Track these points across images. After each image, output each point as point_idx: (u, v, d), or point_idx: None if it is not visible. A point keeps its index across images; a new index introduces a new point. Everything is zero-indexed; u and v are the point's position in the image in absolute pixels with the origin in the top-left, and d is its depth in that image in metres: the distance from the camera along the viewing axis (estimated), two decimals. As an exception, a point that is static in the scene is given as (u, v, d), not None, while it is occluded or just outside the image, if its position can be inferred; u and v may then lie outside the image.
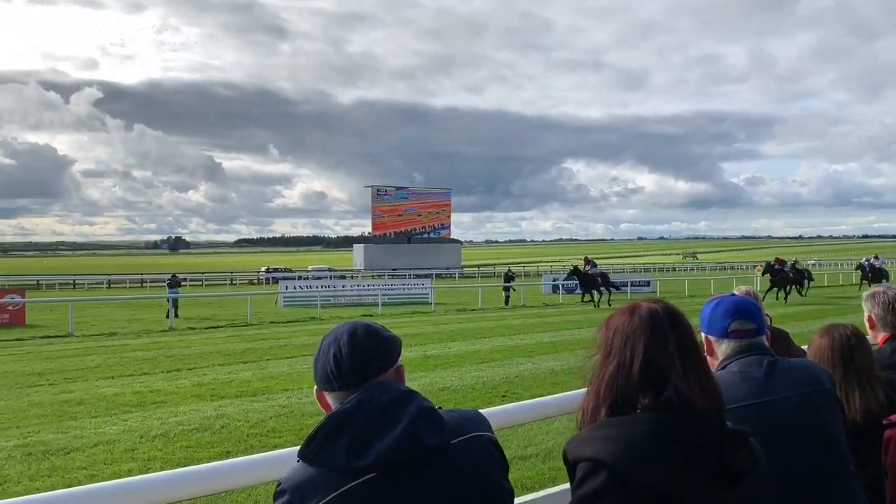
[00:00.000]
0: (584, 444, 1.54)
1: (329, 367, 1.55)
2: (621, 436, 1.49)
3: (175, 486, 2.67)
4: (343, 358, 1.55)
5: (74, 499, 2.00)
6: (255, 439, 7.37)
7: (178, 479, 2.82)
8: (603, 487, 1.48)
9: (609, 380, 1.57)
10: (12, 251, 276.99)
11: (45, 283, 52.02)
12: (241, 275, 64.15)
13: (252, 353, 14.59)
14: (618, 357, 1.58)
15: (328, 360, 1.56)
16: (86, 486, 2.23)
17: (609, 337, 1.62)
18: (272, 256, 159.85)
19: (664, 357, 1.55)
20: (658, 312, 1.61)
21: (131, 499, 2.13)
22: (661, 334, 1.57)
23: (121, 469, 6.29)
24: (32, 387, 10.83)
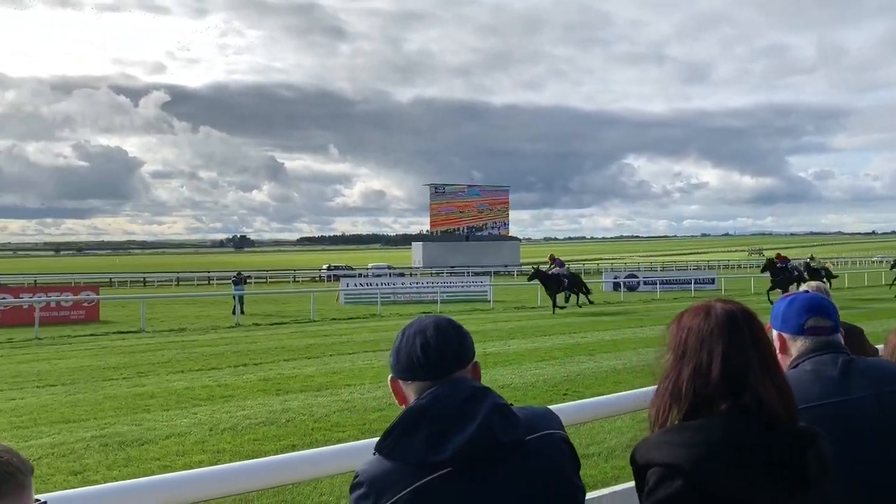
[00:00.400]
0: (656, 449, 1.51)
1: (416, 357, 1.57)
2: (698, 441, 1.46)
3: (250, 476, 2.77)
4: (431, 348, 1.57)
5: (169, 484, 2.12)
6: (319, 433, 7.52)
7: (253, 470, 2.92)
8: (678, 494, 1.45)
9: (686, 382, 1.53)
10: (86, 250, 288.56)
11: (117, 281, 54.01)
12: (303, 272, 65.32)
13: (315, 348, 14.87)
14: (694, 359, 1.54)
15: (414, 349, 1.58)
16: (176, 472, 2.35)
17: (682, 337, 1.58)
18: (333, 254, 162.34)
19: (743, 360, 1.51)
20: (735, 313, 1.57)
21: (216, 486, 2.23)
22: (740, 336, 1.54)
23: (192, 460, 6.50)
24: (107, 380, 11.29)
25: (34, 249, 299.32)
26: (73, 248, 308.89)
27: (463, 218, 73.54)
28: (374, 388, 10.11)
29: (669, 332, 1.63)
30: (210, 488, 2.61)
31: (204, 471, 3.21)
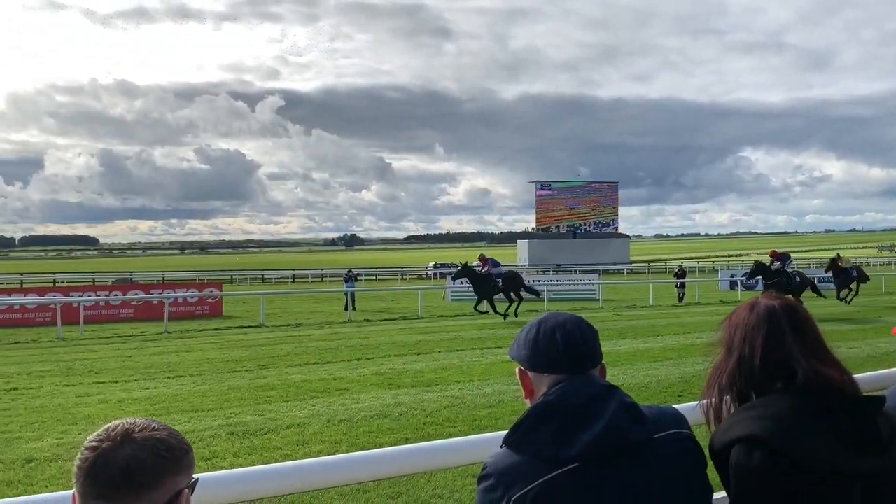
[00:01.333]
0: (731, 429, 1.58)
1: (556, 349, 1.59)
2: (769, 414, 1.55)
3: (371, 465, 2.87)
4: (571, 343, 1.60)
5: (309, 469, 2.25)
6: (431, 427, 7.66)
7: (373, 460, 3.03)
8: (762, 463, 1.50)
9: (729, 374, 1.66)
10: (209, 248, 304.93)
11: (237, 278, 56.78)
12: (410, 270, 66.44)
13: (424, 345, 15.11)
14: (738, 352, 1.67)
15: (555, 342, 1.60)
16: (309, 459, 2.48)
17: (731, 333, 1.71)
18: (439, 252, 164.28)
19: (782, 349, 1.62)
20: (775, 308, 1.69)
21: (344, 474, 2.34)
22: (778, 328, 1.65)
23: (311, 450, 6.78)
24: (231, 372, 11.91)
25: (161, 248, 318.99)
26: (197, 246, 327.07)
27: (570, 215, 72.63)
28: (483, 385, 10.18)
29: (721, 330, 1.75)
30: (340, 476, 2.73)
31: (332, 458, 3.35)
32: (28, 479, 6.14)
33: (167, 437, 1.30)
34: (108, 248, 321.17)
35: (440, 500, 5.38)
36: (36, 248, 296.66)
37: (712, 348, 1.75)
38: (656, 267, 70.22)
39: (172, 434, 1.32)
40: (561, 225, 72.59)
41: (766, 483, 1.50)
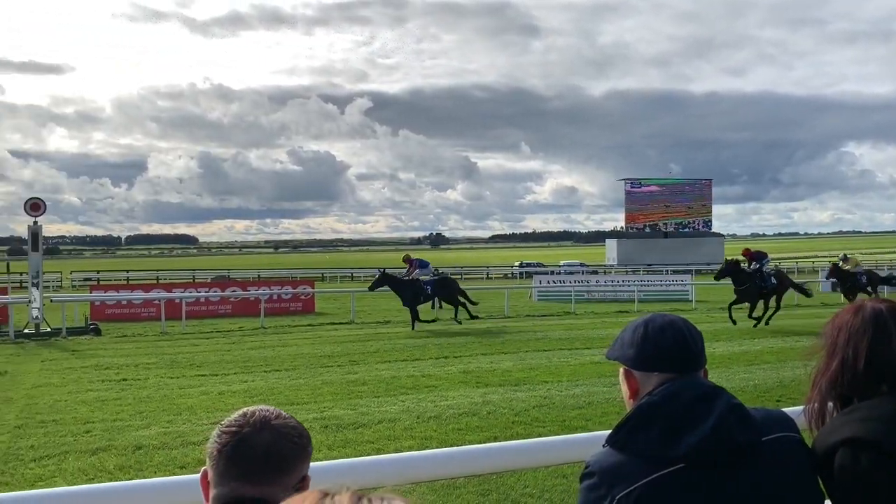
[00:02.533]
0: (835, 432, 1.56)
1: (667, 349, 1.59)
2: (874, 416, 1.53)
3: (465, 461, 2.92)
4: (683, 342, 1.59)
5: (405, 462, 2.32)
6: (520, 427, 7.66)
7: (470, 455, 3.07)
8: (870, 464, 1.47)
9: (832, 377, 1.64)
10: (301, 247, 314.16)
11: (328, 276, 58.24)
12: (495, 269, 66.43)
13: (511, 344, 15.10)
14: (841, 355, 1.64)
15: (665, 341, 1.60)
16: (402, 453, 2.55)
17: (834, 335, 1.69)
18: (524, 251, 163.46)
19: (887, 353, 1.59)
20: (881, 311, 1.66)
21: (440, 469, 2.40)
22: (884, 331, 1.62)
23: (402, 445, 6.90)
24: (324, 367, 12.25)
25: (256, 247, 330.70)
26: (290, 245, 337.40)
27: (661, 213, 70.87)
28: (572, 386, 10.10)
29: (824, 332, 1.72)
30: (432, 470, 2.79)
31: (425, 453, 3.42)
32: (139, 464, 6.52)
33: (297, 426, 1.40)
34: (206, 247, 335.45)
35: (530, 500, 5.38)
36: (140, 247, 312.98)
37: (814, 352, 1.72)
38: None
39: (299, 423, 1.41)
40: (651, 224, 70.94)
41: (872, 486, 1.47)
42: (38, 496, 2.30)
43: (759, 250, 21.02)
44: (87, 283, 44.86)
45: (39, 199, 19.59)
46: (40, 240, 19.38)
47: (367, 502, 0.78)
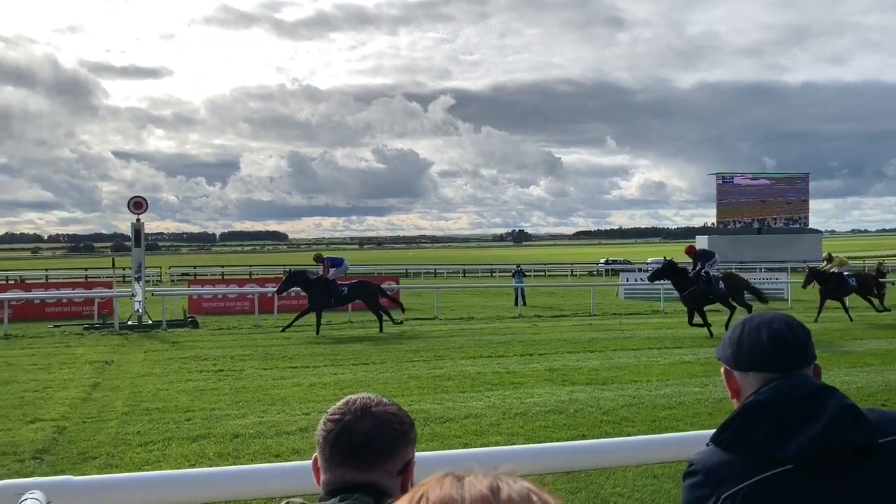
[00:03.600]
0: None
1: (761, 348, 1.56)
2: None
3: (557, 457, 2.92)
4: (777, 340, 1.56)
5: (493, 457, 2.34)
6: (608, 426, 7.56)
7: (558, 452, 3.07)
8: None
9: None
10: (385, 244, 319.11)
11: (412, 272, 58.93)
12: (580, 266, 65.61)
13: (597, 342, 14.89)
14: None
15: (760, 340, 1.57)
16: (491, 447, 2.57)
17: None
18: (610, 248, 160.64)
19: None
20: None
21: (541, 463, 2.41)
22: None
23: (489, 441, 6.93)
24: (409, 362, 12.42)
25: (342, 243, 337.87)
26: (374, 242, 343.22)
27: (754, 209, 68.27)
28: (662, 386, 9.89)
29: None
30: (522, 465, 2.80)
31: (514, 448, 3.44)
32: (236, 452, 6.79)
33: (398, 412, 1.44)
34: (295, 243, 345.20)
35: (620, 499, 5.31)
36: (234, 243, 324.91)
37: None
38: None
39: (400, 409, 1.46)
40: (744, 220, 68.44)
41: None
42: (180, 476, 2.45)
43: (705, 249, 18.58)
44: (184, 278, 46.88)
45: (142, 197, 20.64)
46: (142, 236, 20.40)
47: (505, 484, 0.80)
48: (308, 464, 1.58)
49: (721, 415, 7.66)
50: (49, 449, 6.89)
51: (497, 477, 0.81)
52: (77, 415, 8.37)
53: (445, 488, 0.80)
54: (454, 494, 0.79)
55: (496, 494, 0.78)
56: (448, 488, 0.80)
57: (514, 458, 2.96)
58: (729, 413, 1.56)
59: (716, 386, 9.65)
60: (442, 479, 0.82)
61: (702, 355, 12.91)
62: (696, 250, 18.20)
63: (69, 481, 2.22)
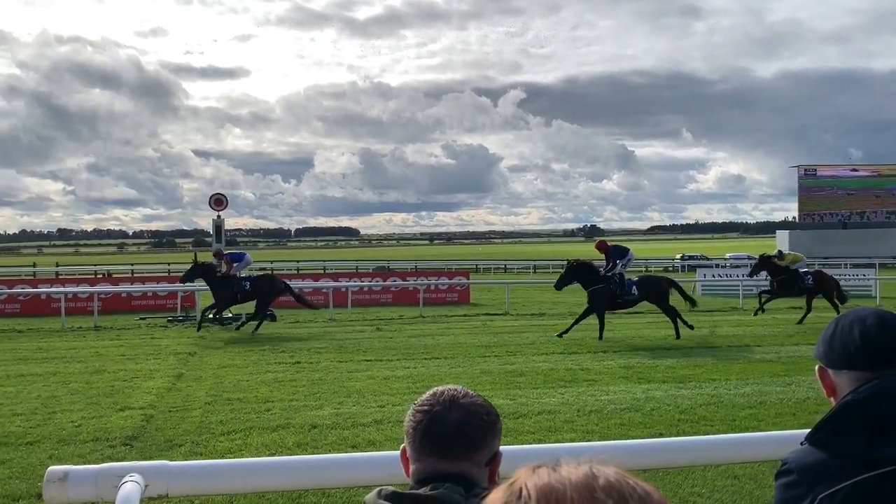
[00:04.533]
0: None
1: (853, 345, 1.52)
2: None
3: (634, 455, 2.88)
4: (871, 337, 1.51)
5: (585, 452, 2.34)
6: (686, 425, 7.40)
7: (635, 450, 3.03)
8: None
9: None
10: (454, 240, 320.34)
11: (482, 267, 58.95)
12: (655, 262, 64.33)
13: (673, 339, 14.58)
14: None
15: (852, 337, 1.53)
16: (566, 444, 2.56)
17: None
18: (686, 243, 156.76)
19: None
20: None
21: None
22: None
23: (563, 437, 6.88)
24: (481, 357, 12.44)
25: (412, 239, 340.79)
26: (444, 237, 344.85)
27: (839, 203, 65.43)
28: (742, 385, 9.62)
29: None
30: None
31: (589, 445, 3.40)
32: (314, 442, 6.95)
33: (484, 403, 1.46)
34: (367, 239, 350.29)
35: (699, 499, 5.20)
36: (308, 239, 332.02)
37: None
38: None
39: (486, 401, 1.48)
40: (829, 214, 65.69)
41: None
42: (269, 463, 2.53)
43: (618, 245, 16.83)
44: (262, 273, 48.27)
45: (222, 195, 21.33)
46: (223, 232, 21.08)
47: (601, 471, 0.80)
48: (396, 454, 1.61)
49: (805, 415, 7.43)
50: (138, 436, 7.22)
51: (591, 464, 0.82)
52: (163, 403, 8.74)
53: (543, 477, 0.81)
54: (553, 482, 0.79)
55: (595, 480, 0.79)
56: (546, 476, 0.80)
57: (592, 455, 2.95)
58: (817, 413, 1.52)
59: (799, 386, 9.32)
60: (536, 469, 0.82)
61: (784, 354, 12.49)
62: (606, 246, 16.46)
63: (165, 466, 2.33)
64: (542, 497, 0.78)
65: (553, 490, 0.78)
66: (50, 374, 10.79)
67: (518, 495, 0.80)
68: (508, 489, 0.82)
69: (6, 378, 10.50)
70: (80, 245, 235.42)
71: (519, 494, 0.80)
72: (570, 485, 0.78)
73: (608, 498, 0.77)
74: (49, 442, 6.99)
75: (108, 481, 2.23)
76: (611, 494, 0.78)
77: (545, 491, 0.79)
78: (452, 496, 1.33)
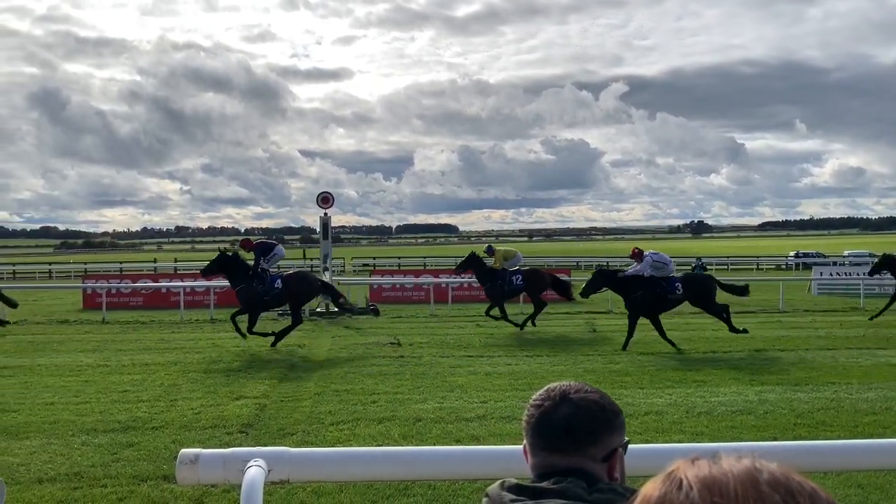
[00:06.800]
0: None
1: None
2: None
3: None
4: None
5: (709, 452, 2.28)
6: (803, 429, 7.06)
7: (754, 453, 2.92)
8: None
9: None
10: (554, 236, 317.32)
11: (583, 264, 58.11)
12: (767, 259, 61.51)
13: (788, 340, 13.93)
14: None
15: None
16: (672, 444, 2.50)
17: None
18: (800, 240, 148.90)
19: None
20: None
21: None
22: None
23: (671, 438, 6.70)
24: (584, 355, 12.28)
25: (511, 235, 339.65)
26: (543, 234, 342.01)
27: (974, 196, 60.35)
28: (864, 389, 9.07)
29: None
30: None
31: (699, 446, 3.30)
32: (419, 435, 7.07)
33: (599, 399, 1.45)
34: (466, 235, 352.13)
35: (820, 509, 4.94)
36: (408, 236, 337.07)
37: None
38: None
39: (604, 397, 1.47)
40: (961, 208, 60.74)
41: None
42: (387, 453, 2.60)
43: (263, 240, 16.38)
44: (365, 269, 49.38)
45: (329, 193, 21.99)
46: (329, 229, 21.73)
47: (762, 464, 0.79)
48: (503, 448, 1.63)
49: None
50: (253, 424, 7.56)
51: (752, 458, 0.80)
52: (275, 393, 9.11)
53: (703, 468, 0.79)
54: (716, 473, 0.77)
55: (759, 474, 0.77)
56: (707, 468, 0.79)
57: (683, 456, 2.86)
58: None
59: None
60: (695, 461, 0.81)
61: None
62: (251, 243, 15.43)
63: (287, 452, 2.43)
64: (705, 489, 0.76)
65: (716, 482, 0.76)
66: (171, 364, 11.46)
67: (678, 485, 0.78)
68: (666, 480, 0.81)
69: (132, 366, 11.22)
70: (196, 242, 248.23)
71: (679, 485, 0.78)
72: (733, 477, 0.76)
73: (774, 493, 0.75)
74: (172, 427, 7.43)
75: (234, 465, 2.36)
76: (777, 489, 0.75)
77: (707, 482, 0.77)
78: (575, 490, 1.33)
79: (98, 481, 5.75)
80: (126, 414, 7.99)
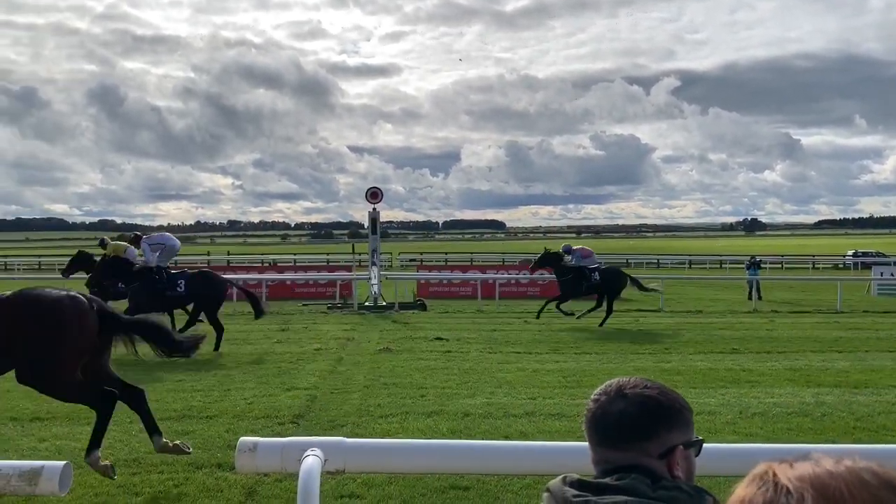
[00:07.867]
0: None
1: None
2: None
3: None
4: None
5: (765, 453, 2.22)
6: (862, 433, 6.87)
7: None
8: None
9: None
10: (603, 233, 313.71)
11: (633, 262, 57.33)
12: (823, 258, 59.84)
13: (846, 342, 13.53)
14: None
15: None
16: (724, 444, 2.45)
17: None
18: (859, 239, 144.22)
19: None
20: None
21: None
22: None
23: (724, 440, 6.56)
24: (634, 354, 12.14)
25: (559, 232, 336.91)
26: (592, 230, 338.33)
27: None
28: (929, 393, 8.76)
29: None
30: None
31: (769, 447, 3.23)
32: (467, 430, 7.08)
33: (657, 395, 1.44)
34: (513, 232, 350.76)
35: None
36: (454, 231, 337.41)
37: None
38: None
39: (664, 393, 1.45)
40: None
41: None
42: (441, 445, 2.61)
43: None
44: (412, 264, 49.61)
45: (378, 188, 22.15)
46: (378, 224, 21.89)
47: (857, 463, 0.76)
48: (565, 445, 1.62)
49: None
50: (304, 415, 7.67)
51: (844, 458, 0.77)
52: (325, 385, 9.23)
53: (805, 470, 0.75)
54: (822, 475, 0.74)
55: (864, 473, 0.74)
56: (811, 469, 0.75)
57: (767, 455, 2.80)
58: None
59: None
60: (792, 463, 0.77)
61: (980, 362, 11.22)
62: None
63: (343, 442, 2.47)
64: (818, 493, 0.72)
65: (825, 485, 0.72)
66: (225, 355, 11.71)
67: (785, 491, 0.74)
68: (763, 486, 0.76)
69: (188, 356, 11.48)
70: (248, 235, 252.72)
71: (786, 490, 0.74)
72: (841, 479, 0.73)
73: (888, 492, 0.71)
74: (226, 417, 7.59)
75: (292, 454, 2.40)
76: (889, 489, 0.72)
77: (817, 485, 0.73)
78: (639, 487, 1.32)
79: (155, 468, 5.92)
80: (181, 403, 8.18)
